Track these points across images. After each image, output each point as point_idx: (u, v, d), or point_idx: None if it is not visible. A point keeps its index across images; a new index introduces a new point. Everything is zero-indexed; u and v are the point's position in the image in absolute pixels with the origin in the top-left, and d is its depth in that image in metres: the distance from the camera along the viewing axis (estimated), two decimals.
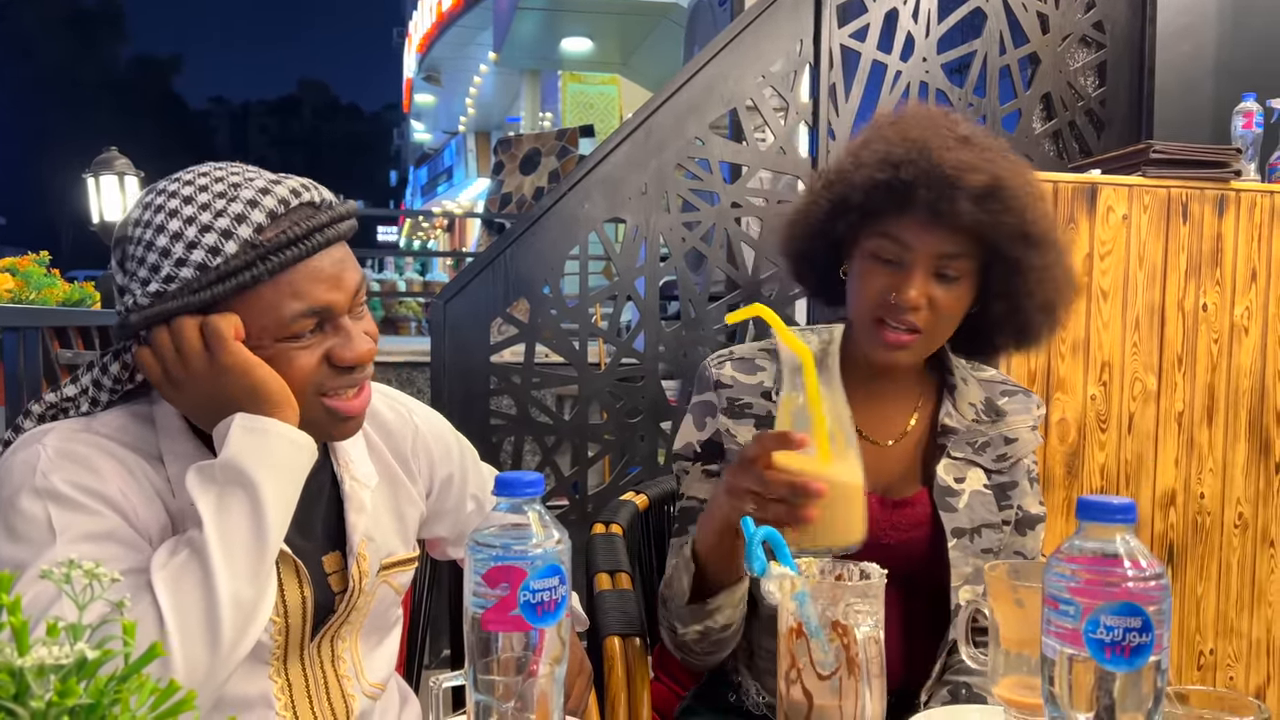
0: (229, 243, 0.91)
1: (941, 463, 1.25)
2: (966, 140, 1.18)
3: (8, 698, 0.44)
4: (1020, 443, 1.29)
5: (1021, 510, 1.29)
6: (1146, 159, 2.37)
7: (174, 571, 0.86)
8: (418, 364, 4.95)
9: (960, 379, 1.30)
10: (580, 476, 2.95)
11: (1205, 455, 2.44)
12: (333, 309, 0.96)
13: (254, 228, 0.92)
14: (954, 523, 1.22)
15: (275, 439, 0.93)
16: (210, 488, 0.90)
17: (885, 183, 1.16)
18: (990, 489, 1.26)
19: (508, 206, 8.53)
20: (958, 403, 1.28)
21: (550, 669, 0.75)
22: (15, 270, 4.24)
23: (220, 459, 0.91)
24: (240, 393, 0.94)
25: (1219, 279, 2.41)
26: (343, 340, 0.98)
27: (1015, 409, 1.31)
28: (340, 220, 0.98)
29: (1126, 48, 3.05)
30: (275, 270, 0.92)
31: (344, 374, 0.99)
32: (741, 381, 1.29)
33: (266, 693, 1.02)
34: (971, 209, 1.14)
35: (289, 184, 0.97)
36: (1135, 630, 0.69)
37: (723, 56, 2.88)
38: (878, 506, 1.23)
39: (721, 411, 1.28)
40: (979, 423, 1.28)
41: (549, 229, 2.85)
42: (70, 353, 3.22)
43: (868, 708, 0.85)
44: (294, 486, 0.94)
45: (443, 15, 15.06)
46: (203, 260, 0.91)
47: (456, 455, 1.24)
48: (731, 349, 1.33)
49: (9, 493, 0.91)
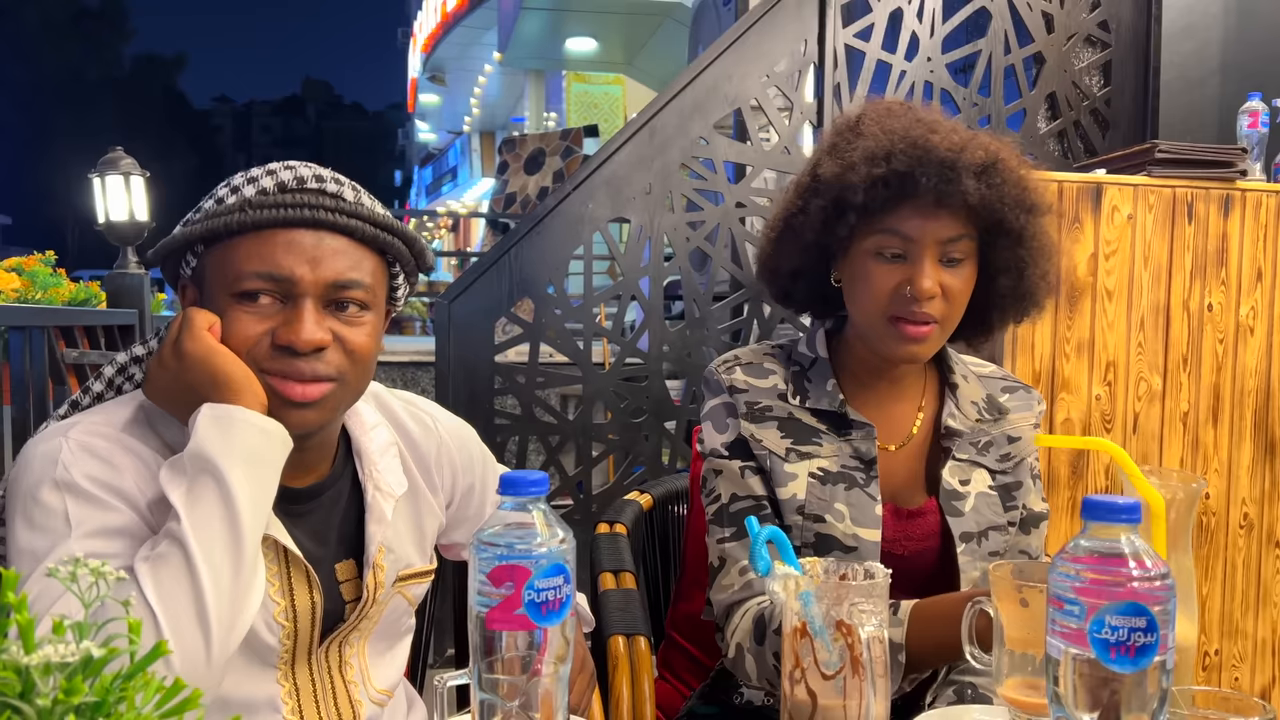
0: (231, 197, 0.99)
1: (946, 466, 1.24)
2: (942, 122, 1.18)
3: (14, 695, 0.44)
4: (1023, 442, 1.29)
5: (1026, 509, 1.28)
6: (1151, 159, 2.36)
7: (156, 564, 0.87)
8: (422, 364, 4.96)
9: (960, 376, 1.30)
10: (584, 476, 2.95)
11: (1210, 455, 2.44)
12: (295, 284, 0.96)
13: (258, 190, 0.98)
14: (961, 528, 1.22)
15: (241, 426, 0.93)
16: (180, 480, 0.91)
17: (883, 177, 1.15)
18: (995, 490, 1.25)
19: (512, 206, 8.54)
20: (960, 402, 1.27)
21: (555, 668, 0.75)
22: (21, 270, 4.25)
23: (188, 449, 0.92)
24: (202, 379, 0.95)
25: (1224, 279, 2.40)
26: (292, 320, 0.97)
27: (1017, 406, 1.31)
28: (350, 215, 0.98)
29: (1132, 47, 3.04)
30: (248, 225, 0.96)
31: (284, 355, 0.97)
32: (755, 385, 1.27)
33: (273, 696, 1.03)
34: (976, 185, 1.13)
35: (316, 171, 1.01)
36: (1140, 630, 0.69)
37: (727, 56, 2.88)
38: (891, 516, 1.22)
39: (743, 416, 1.25)
40: (981, 422, 1.27)
41: (553, 229, 2.85)
42: (75, 352, 3.22)
43: (872, 707, 0.85)
44: (268, 471, 0.94)
45: (447, 15, 15.06)
46: (208, 207, 1.00)
47: (479, 465, 1.23)
48: (736, 354, 1.32)
49: (31, 483, 0.93)
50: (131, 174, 4.41)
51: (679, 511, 1.70)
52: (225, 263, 0.97)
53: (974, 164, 1.13)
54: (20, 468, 0.95)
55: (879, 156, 1.15)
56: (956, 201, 1.14)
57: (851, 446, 1.23)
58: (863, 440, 1.23)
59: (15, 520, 0.92)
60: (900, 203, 1.16)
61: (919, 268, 1.15)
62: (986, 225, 1.18)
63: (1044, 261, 1.22)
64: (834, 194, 1.18)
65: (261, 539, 0.94)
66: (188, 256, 1.01)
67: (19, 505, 0.93)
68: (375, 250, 1.02)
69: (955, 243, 1.16)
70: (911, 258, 1.16)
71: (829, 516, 1.19)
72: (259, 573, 0.92)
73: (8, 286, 3.97)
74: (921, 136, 1.15)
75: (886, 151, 1.15)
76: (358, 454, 1.10)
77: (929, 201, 1.15)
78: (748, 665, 1.16)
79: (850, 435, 1.23)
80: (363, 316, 1.01)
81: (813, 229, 1.22)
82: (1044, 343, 2.31)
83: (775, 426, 1.24)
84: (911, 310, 1.16)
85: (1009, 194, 1.16)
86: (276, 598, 1.01)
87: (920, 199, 1.15)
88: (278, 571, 1.01)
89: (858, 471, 1.22)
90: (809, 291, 1.30)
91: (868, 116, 1.21)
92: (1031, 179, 1.20)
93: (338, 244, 0.98)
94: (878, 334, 1.20)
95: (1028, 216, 1.18)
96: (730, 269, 2.95)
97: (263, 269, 0.96)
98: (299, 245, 0.96)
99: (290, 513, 1.02)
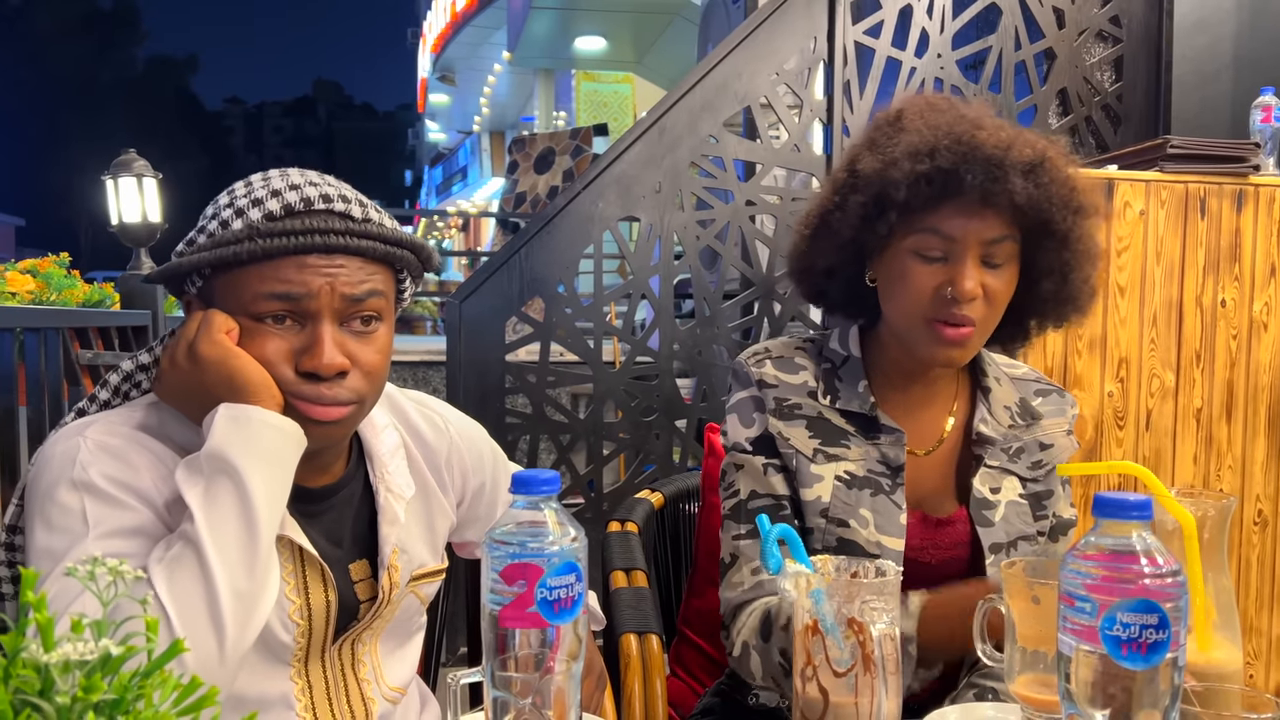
0: (238, 220, 0.96)
1: (978, 474, 1.21)
2: (987, 118, 1.14)
3: (33, 693, 0.44)
4: (1055, 449, 1.25)
5: (1056, 517, 1.25)
6: (1164, 154, 2.35)
7: (170, 564, 0.87)
8: (433, 363, 4.97)
9: (994, 379, 1.26)
10: (595, 475, 2.96)
11: (1224, 452, 2.42)
12: (310, 303, 0.96)
13: (265, 214, 0.96)
14: (991, 538, 1.19)
15: (259, 426, 0.93)
16: (197, 479, 0.91)
17: (926, 174, 1.10)
18: (1026, 498, 1.22)
19: (522, 205, 8.55)
20: (993, 407, 1.24)
21: (567, 666, 0.76)
22: (36, 272, 4.27)
23: (205, 449, 0.92)
24: (218, 382, 0.95)
25: (1238, 274, 2.39)
26: (312, 345, 0.97)
27: (1050, 411, 1.27)
28: (361, 236, 0.98)
29: (1143, 42, 3.03)
30: (259, 254, 0.95)
31: (308, 380, 0.98)
32: (786, 381, 1.23)
33: (287, 693, 1.03)
34: (1024, 184, 1.09)
35: (326, 190, 0.99)
36: (1152, 627, 0.69)
37: (736, 54, 2.88)
38: (919, 524, 1.20)
39: (770, 413, 1.22)
40: (1014, 427, 1.24)
41: (563, 228, 2.86)
42: (90, 353, 3.24)
43: (883, 705, 0.85)
44: (283, 471, 0.95)
45: (457, 15, 15.08)
46: (214, 230, 0.98)
47: (489, 464, 1.24)
48: (766, 346, 1.27)
49: (49, 483, 0.93)
50: (144, 176, 4.44)
51: (690, 510, 1.70)
52: (237, 288, 0.97)
53: (1021, 162, 1.09)
54: (38, 468, 0.96)
55: (923, 152, 1.11)
56: (1003, 201, 1.10)
57: (879, 451, 1.20)
58: (891, 445, 1.20)
59: (33, 520, 0.93)
60: (943, 201, 1.12)
61: (961, 269, 1.11)
62: (1032, 226, 1.14)
63: (1088, 265, 1.18)
64: (874, 190, 1.14)
65: (277, 538, 0.95)
66: (193, 277, 1.00)
67: (37, 505, 0.93)
68: (385, 264, 1.02)
69: (999, 244, 1.13)
70: (953, 258, 1.12)
71: (853, 522, 1.17)
72: (273, 572, 0.92)
73: (23, 289, 4.00)
74: (967, 133, 1.11)
75: (931, 147, 1.11)
76: (369, 456, 1.11)
77: (974, 200, 1.11)
78: (753, 663, 1.15)
79: (879, 439, 1.20)
80: (377, 330, 1.01)
81: (850, 226, 1.18)
82: (1055, 339, 2.30)
83: (804, 425, 1.21)
84: (951, 312, 1.12)
85: (1056, 194, 1.12)
86: (292, 596, 1.01)
87: (965, 198, 1.11)
88: (293, 570, 1.02)
89: (884, 478, 1.19)
90: (843, 290, 1.26)
91: (910, 111, 1.18)
92: (1080, 179, 1.15)
93: (350, 263, 0.98)
94: (915, 336, 1.16)
95: (1075, 218, 1.14)
96: (740, 267, 2.95)
97: (278, 290, 0.96)
98: (311, 268, 0.96)
99: (305, 513, 1.03)
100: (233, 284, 0.97)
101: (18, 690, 0.44)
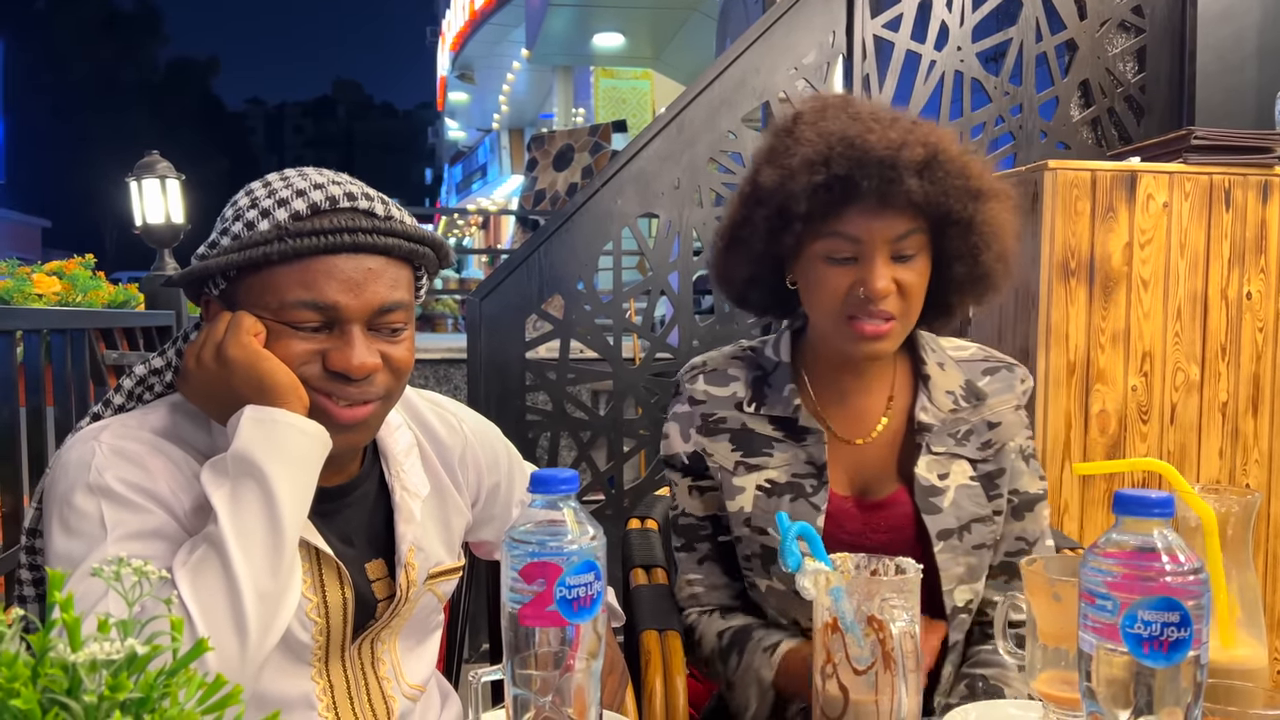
0: (264, 221, 0.96)
1: (921, 461, 1.22)
2: (878, 118, 1.16)
3: (61, 692, 0.45)
4: (1004, 427, 1.26)
5: (1018, 493, 1.26)
6: (1188, 145, 2.33)
7: (194, 567, 0.88)
8: (454, 360, 4.99)
9: (935, 364, 1.27)
10: (616, 471, 2.96)
11: (1250, 446, 2.40)
12: (340, 311, 0.97)
13: (291, 214, 0.96)
14: (939, 525, 1.20)
15: (285, 429, 0.94)
16: (223, 481, 0.92)
17: (824, 183, 1.13)
18: (977, 480, 1.23)
19: (542, 203, 8.57)
20: (933, 394, 1.25)
21: (587, 663, 0.76)
22: (62, 273, 4.33)
23: (231, 451, 0.93)
24: (245, 384, 0.95)
25: (1264, 266, 2.36)
26: (343, 346, 0.98)
27: (997, 389, 1.28)
28: (386, 234, 0.98)
29: (1166, 32, 2.99)
30: (289, 254, 0.95)
31: (336, 380, 0.98)
32: (714, 395, 1.27)
33: (308, 693, 1.04)
34: (919, 183, 1.12)
35: (349, 188, 0.99)
36: (1174, 625, 0.69)
37: (755, 49, 2.87)
38: (854, 508, 1.22)
39: (697, 429, 1.27)
40: (958, 411, 1.25)
41: (582, 225, 2.86)
42: (116, 354, 3.28)
43: (904, 702, 0.85)
44: (308, 475, 0.95)
45: (475, 13, 15.12)
46: (239, 231, 0.97)
47: (504, 463, 1.25)
48: (706, 359, 1.31)
49: (65, 488, 0.94)
50: (167, 177, 4.47)
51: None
52: (264, 289, 0.97)
53: (914, 161, 1.11)
54: (54, 474, 0.97)
55: (817, 163, 1.13)
56: (900, 201, 1.13)
57: (806, 452, 1.23)
58: (815, 445, 1.23)
59: (51, 525, 0.94)
60: (844, 206, 1.14)
61: (870, 268, 1.14)
62: (934, 217, 1.16)
63: (997, 244, 1.20)
64: (777, 203, 1.17)
65: None
66: (217, 279, 1.00)
67: (54, 511, 0.94)
68: (407, 262, 1.03)
69: (905, 239, 1.15)
70: (862, 259, 1.15)
71: (771, 529, 1.20)
72: (296, 574, 0.93)
73: (49, 290, 4.05)
74: (858, 136, 1.12)
75: (824, 156, 1.13)
76: (384, 455, 1.11)
77: (873, 202, 1.13)
78: (714, 666, 1.26)
79: (805, 441, 1.23)
80: (404, 331, 1.02)
81: (760, 239, 1.21)
82: (1079, 333, 2.28)
83: (727, 439, 1.26)
84: (868, 310, 1.15)
85: (952, 185, 1.14)
86: (309, 594, 1.02)
87: (864, 201, 1.13)
88: (309, 568, 1.02)
89: (810, 478, 1.22)
90: (766, 296, 1.30)
91: (803, 119, 1.19)
92: (975, 165, 1.18)
93: (376, 264, 0.98)
94: (837, 335, 1.19)
95: (975, 204, 1.16)
96: None
97: (306, 297, 0.96)
98: (340, 270, 0.96)
99: (321, 512, 1.04)
100: (260, 285, 0.97)
101: (46, 689, 0.45)
